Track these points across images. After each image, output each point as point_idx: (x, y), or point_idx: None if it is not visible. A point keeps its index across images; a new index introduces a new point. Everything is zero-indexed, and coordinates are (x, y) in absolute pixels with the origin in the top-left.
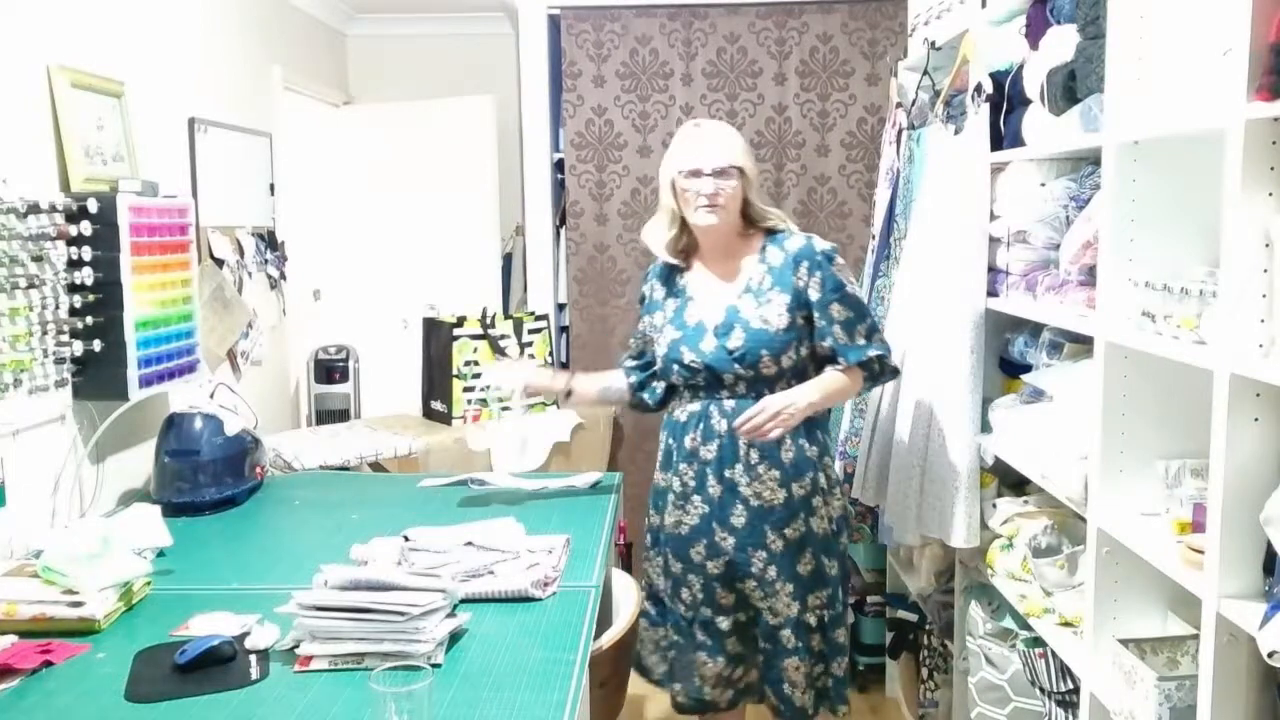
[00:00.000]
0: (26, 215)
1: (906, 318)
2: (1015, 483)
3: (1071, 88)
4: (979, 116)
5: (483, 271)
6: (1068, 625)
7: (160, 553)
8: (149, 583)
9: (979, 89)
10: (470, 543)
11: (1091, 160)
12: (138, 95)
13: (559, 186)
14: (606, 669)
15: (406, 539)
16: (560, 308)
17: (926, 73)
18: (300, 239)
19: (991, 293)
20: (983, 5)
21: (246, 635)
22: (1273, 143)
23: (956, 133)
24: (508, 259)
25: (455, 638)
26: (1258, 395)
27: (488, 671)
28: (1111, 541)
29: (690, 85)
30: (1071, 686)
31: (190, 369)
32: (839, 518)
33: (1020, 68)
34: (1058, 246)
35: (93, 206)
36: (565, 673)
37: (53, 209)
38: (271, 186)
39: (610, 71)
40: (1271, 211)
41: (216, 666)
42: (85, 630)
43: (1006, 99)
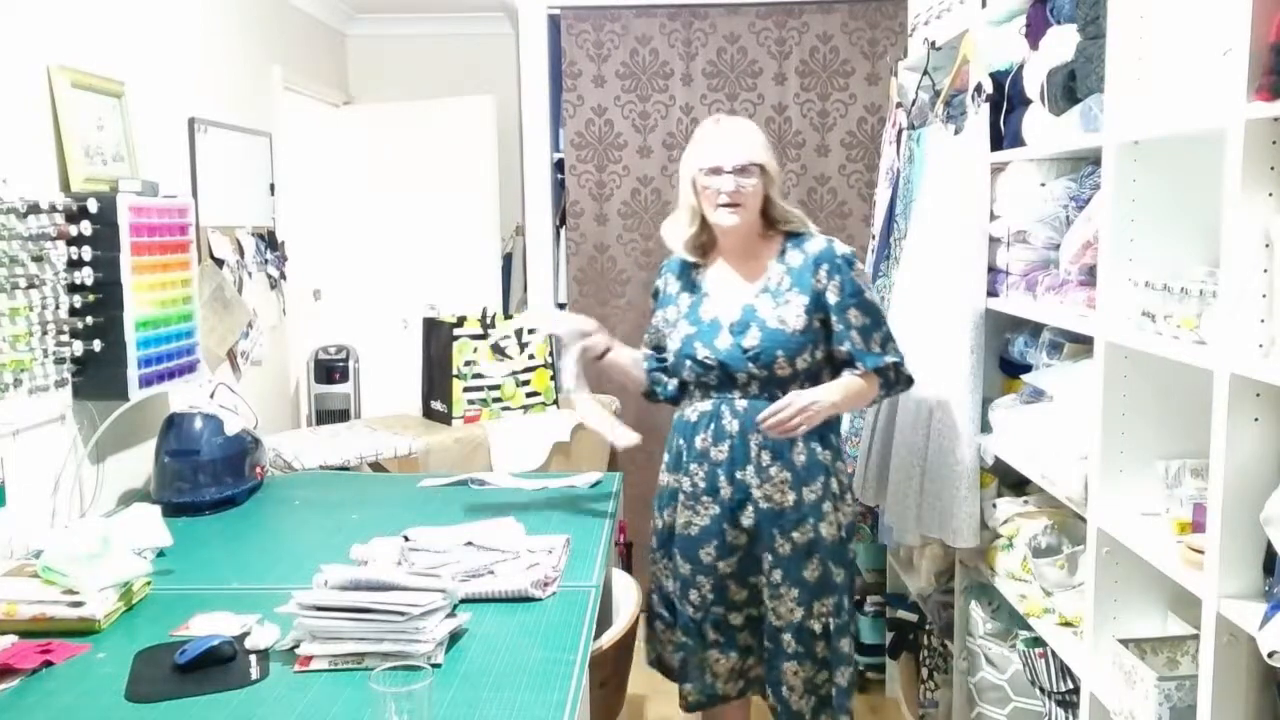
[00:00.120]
0: (26, 215)
1: (906, 318)
2: (1015, 483)
3: (1071, 88)
4: (979, 116)
5: (483, 271)
6: (1068, 625)
7: (160, 553)
8: (149, 583)
9: (979, 89)
10: (470, 543)
11: (1091, 160)
12: (138, 95)
13: (559, 186)
14: (606, 669)
15: (406, 539)
16: (560, 307)
17: (926, 73)
18: (300, 239)
19: (991, 293)
20: (983, 5)
21: (246, 635)
22: (1273, 143)
23: (956, 133)
24: (508, 259)
25: (455, 638)
26: (1258, 395)
27: (488, 671)
28: (1111, 541)
29: (690, 85)
30: (1071, 686)
31: (190, 369)
32: (849, 525)
33: (1020, 68)
34: (1058, 246)
35: (93, 206)
36: (565, 673)
37: (53, 209)
38: (271, 186)
39: (610, 71)
40: (1271, 211)
41: (216, 666)
42: (85, 630)
43: (1006, 99)
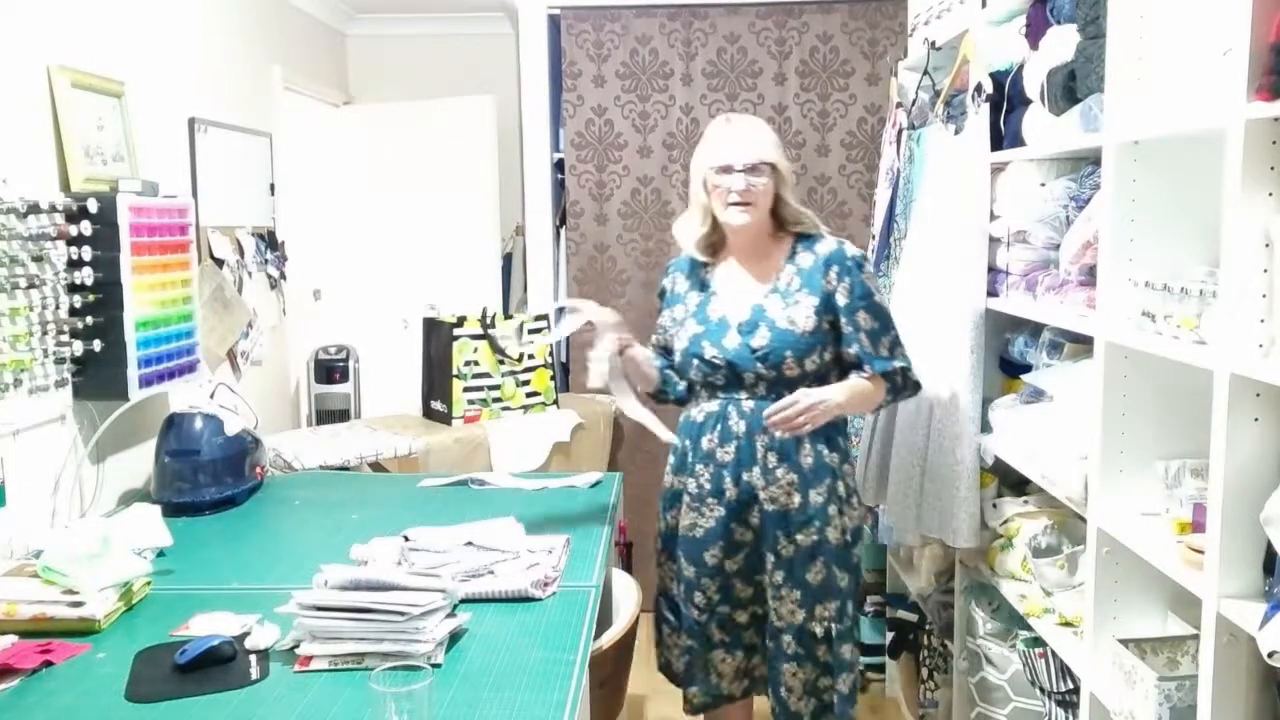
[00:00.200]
0: (26, 215)
1: (906, 318)
2: (1015, 483)
3: (1071, 88)
4: (979, 116)
5: (483, 271)
6: (1068, 625)
7: (160, 553)
8: (149, 583)
9: (979, 89)
10: (470, 543)
11: (1091, 160)
12: (138, 95)
13: (559, 186)
14: (606, 669)
15: (406, 539)
16: (560, 309)
17: (926, 73)
18: (300, 239)
19: (991, 293)
20: (983, 5)
21: (246, 635)
22: (1273, 143)
23: (956, 133)
24: (508, 259)
25: (455, 638)
26: (1258, 395)
27: (488, 671)
28: (1111, 541)
29: (690, 85)
30: (1071, 686)
31: (190, 369)
32: (854, 529)
33: (1020, 68)
34: (1058, 246)
35: (93, 206)
36: (565, 673)
37: (53, 209)
38: (271, 186)
39: (610, 71)
40: (1271, 211)
41: (216, 666)
42: (85, 630)
43: (1006, 99)
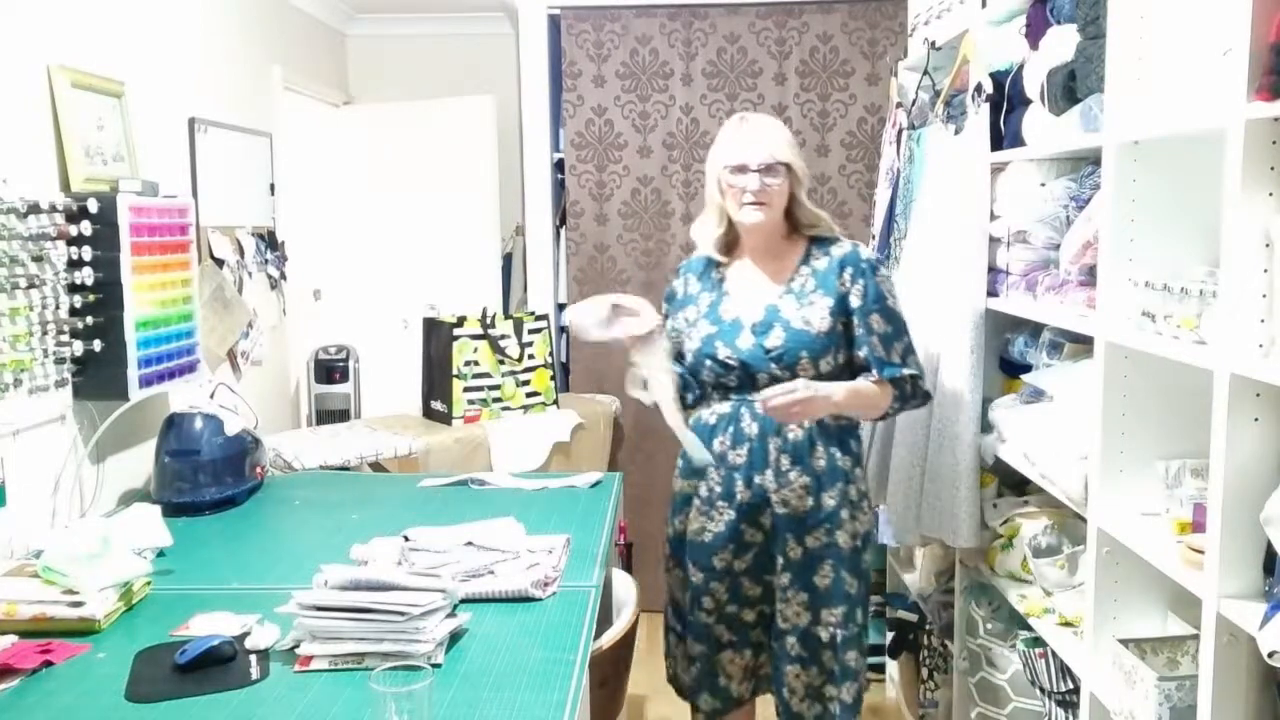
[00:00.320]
0: (27, 215)
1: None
2: (1015, 483)
3: (1071, 88)
4: (979, 116)
5: (483, 271)
6: (1068, 625)
7: (160, 553)
8: (149, 583)
9: (979, 89)
10: (470, 543)
11: (1091, 160)
12: (138, 95)
13: (559, 186)
14: (606, 669)
15: (406, 539)
16: (560, 308)
17: (926, 73)
18: (300, 239)
19: (991, 293)
20: (983, 5)
21: (246, 635)
22: (1273, 143)
23: (956, 133)
24: (508, 259)
25: (455, 638)
26: (1258, 395)
27: (488, 671)
28: (1111, 541)
29: (690, 85)
30: (1071, 686)
31: (190, 369)
32: (865, 533)
33: (1020, 68)
34: (1058, 246)
35: (93, 206)
36: (565, 673)
37: (53, 209)
38: (271, 186)
39: (610, 71)
40: (1271, 211)
41: (216, 666)
42: (85, 630)
43: (1006, 99)
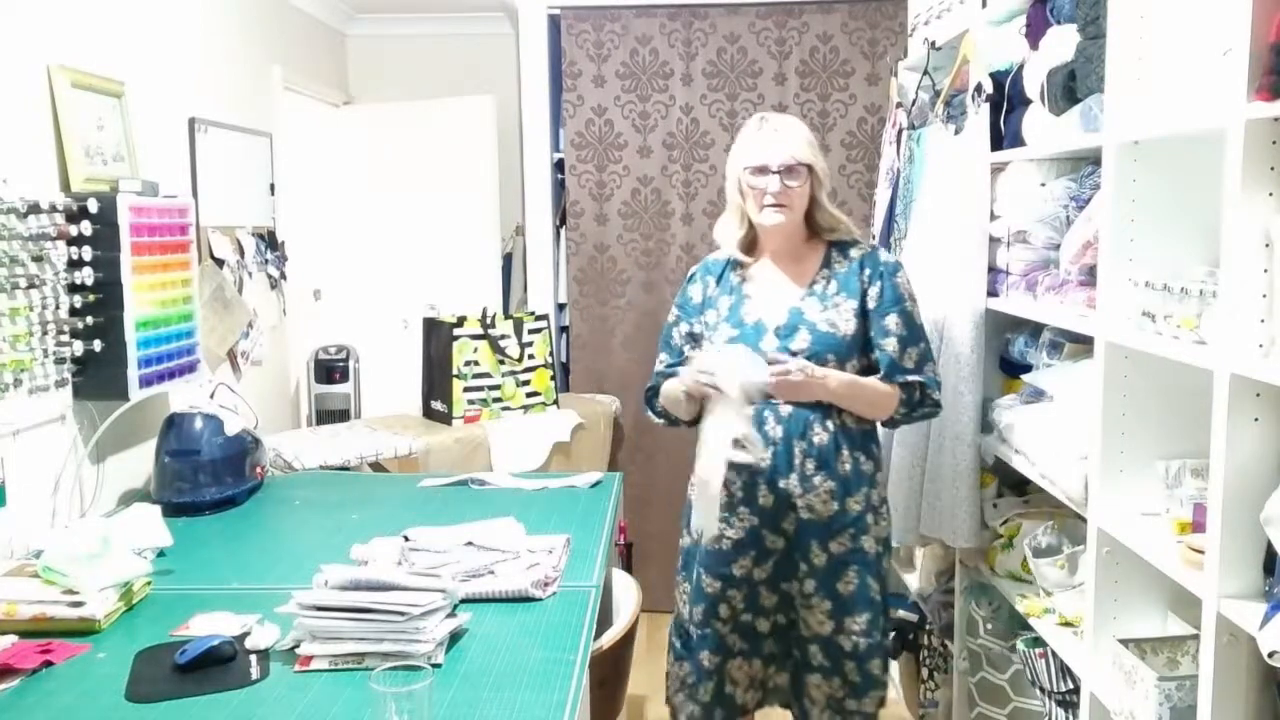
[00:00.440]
0: (27, 215)
1: None
2: (1015, 483)
3: (1071, 88)
4: (979, 116)
5: (483, 271)
6: (1068, 625)
7: (160, 553)
8: (149, 583)
9: (979, 89)
10: (470, 543)
11: (1091, 160)
12: (138, 95)
13: (559, 186)
14: (606, 669)
15: (406, 539)
16: (560, 308)
17: (926, 73)
18: (300, 239)
19: (991, 293)
20: (983, 5)
21: (247, 635)
22: (1273, 143)
23: (957, 133)
24: (508, 259)
25: (455, 638)
26: (1258, 395)
27: (488, 671)
28: (1111, 541)
29: (690, 85)
30: (1071, 686)
31: (190, 369)
32: (885, 538)
33: (1020, 68)
34: (1058, 246)
35: (93, 206)
36: (565, 673)
37: (53, 209)
38: (271, 186)
39: (610, 71)
40: (1271, 211)
41: (216, 666)
42: (85, 630)
43: (1006, 99)
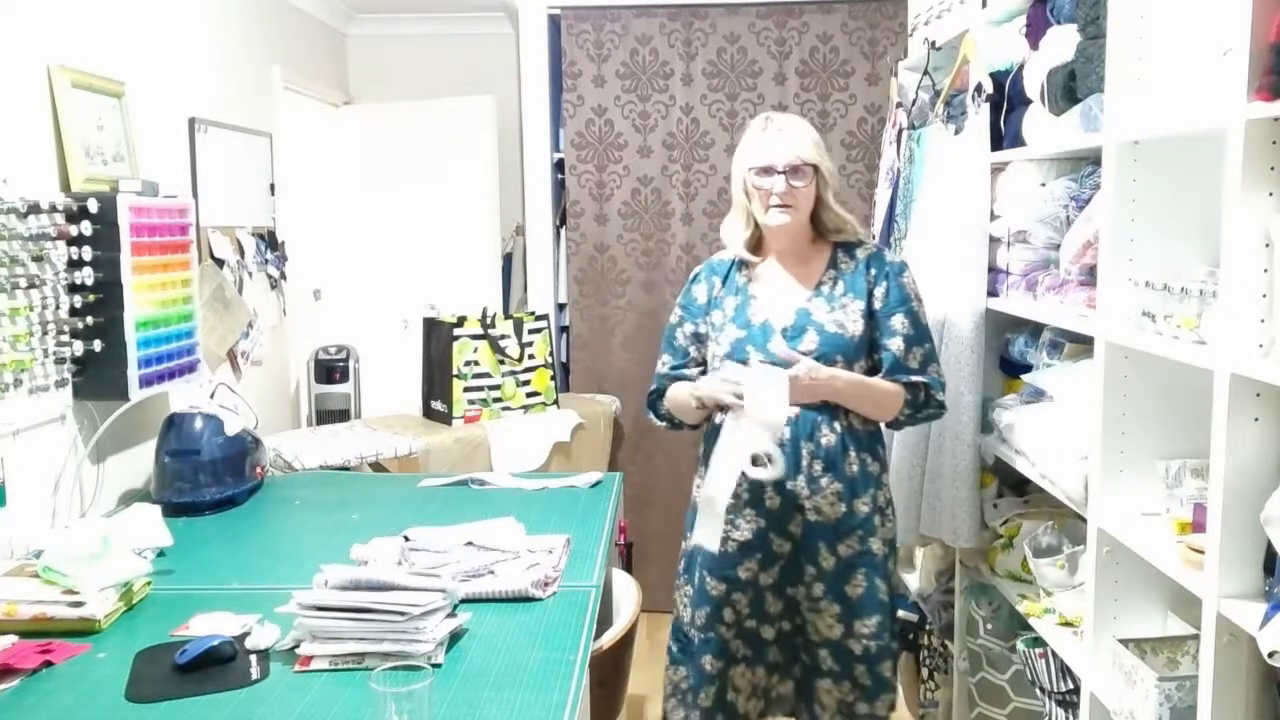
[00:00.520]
0: (27, 215)
1: None
2: (1015, 483)
3: (1071, 88)
4: (979, 116)
5: (483, 271)
6: (1068, 625)
7: (160, 553)
8: (149, 583)
9: (979, 89)
10: (470, 543)
11: (1091, 160)
12: (138, 95)
13: (559, 186)
14: (606, 669)
15: (406, 539)
16: (560, 308)
17: (927, 73)
18: (300, 239)
19: (991, 293)
20: (983, 5)
21: (247, 635)
22: (1273, 143)
23: (957, 133)
24: (508, 259)
25: (455, 638)
26: (1258, 395)
27: (488, 671)
28: (1111, 541)
29: (690, 85)
30: (1071, 686)
31: (190, 369)
32: (891, 540)
33: (1020, 68)
34: (1058, 246)
35: (93, 206)
36: (565, 673)
37: (53, 209)
38: (271, 186)
39: (610, 71)
40: (1271, 211)
41: (216, 666)
42: (85, 630)
43: (1006, 99)
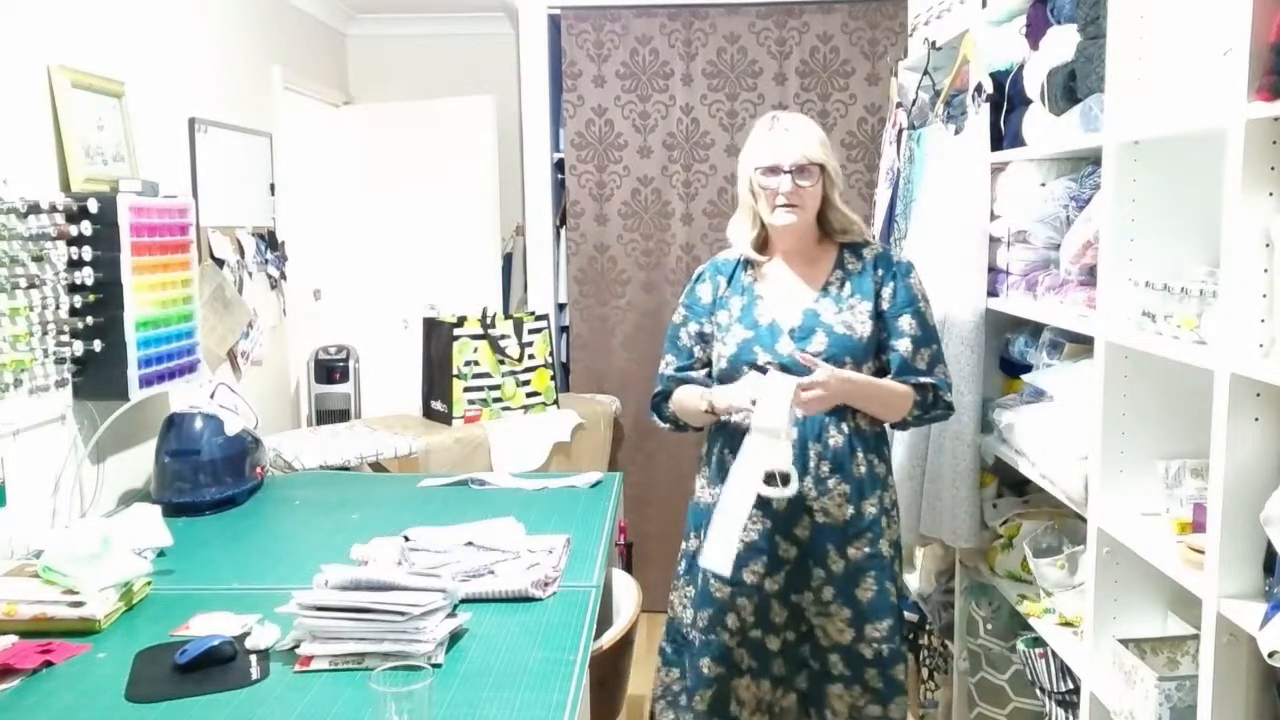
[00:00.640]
0: (27, 215)
1: None
2: (1015, 483)
3: (1071, 88)
4: (979, 116)
5: (483, 271)
6: (1068, 625)
7: (160, 553)
8: (149, 583)
9: (979, 89)
10: (470, 543)
11: (1092, 160)
12: (138, 95)
13: (559, 186)
14: (606, 669)
15: (406, 539)
16: (560, 308)
17: (927, 73)
18: (300, 239)
19: (991, 293)
20: (983, 5)
21: (247, 635)
22: (1273, 143)
23: (957, 133)
24: (508, 259)
25: (455, 638)
26: (1258, 395)
27: (488, 671)
28: (1111, 541)
29: (690, 85)
30: (1071, 686)
31: (190, 369)
32: (897, 541)
33: (1020, 68)
34: (1058, 246)
35: (93, 206)
36: (565, 673)
37: (53, 209)
38: (271, 186)
39: (610, 71)
40: (1271, 211)
41: (216, 666)
42: (85, 630)
43: (1007, 99)
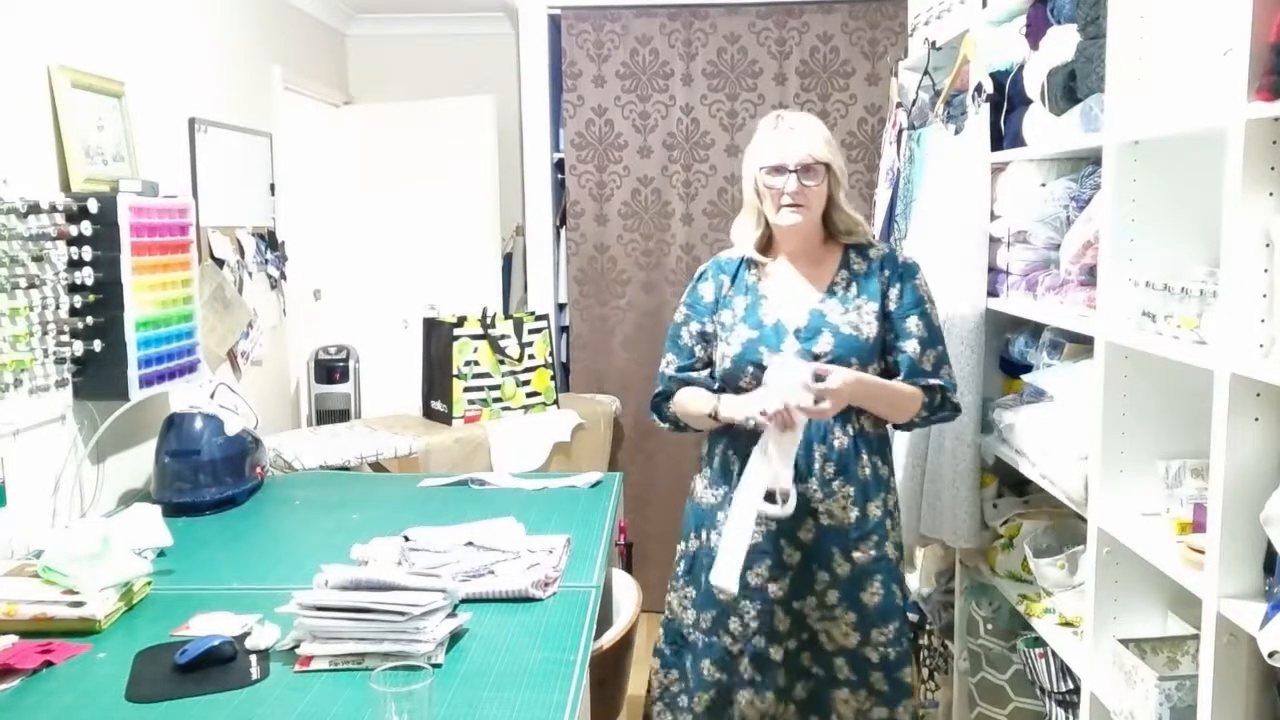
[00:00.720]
0: (27, 215)
1: None
2: (1015, 483)
3: (1072, 88)
4: (979, 116)
5: (483, 271)
6: (1068, 625)
7: (160, 553)
8: (149, 583)
9: (979, 89)
10: (470, 543)
11: (1092, 160)
12: (138, 95)
13: (559, 186)
14: (606, 669)
15: (407, 539)
16: (560, 308)
17: (927, 73)
18: (300, 239)
19: (992, 293)
20: (983, 5)
21: (247, 635)
22: (1273, 143)
23: (957, 133)
24: (508, 259)
25: (455, 638)
26: (1258, 395)
27: (488, 671)
28: (1111, 541)
29: (690, 85)
30: (1071, 686)
31: (190, 369)
32: (900, 543)
33: (1020, 68)
34: (1058, 246)
35: (93, 206)
36: (565, 673)
37: (53, 209)
38: (272, 186)
39: (610, 71)
40: (1271, 211)
41: (216, 666)
42: (85, 630)
43: (1007, 99)
